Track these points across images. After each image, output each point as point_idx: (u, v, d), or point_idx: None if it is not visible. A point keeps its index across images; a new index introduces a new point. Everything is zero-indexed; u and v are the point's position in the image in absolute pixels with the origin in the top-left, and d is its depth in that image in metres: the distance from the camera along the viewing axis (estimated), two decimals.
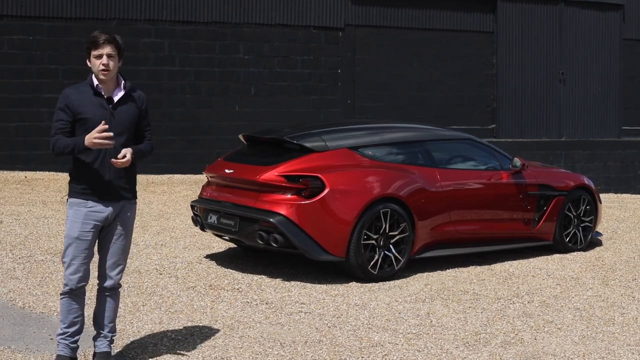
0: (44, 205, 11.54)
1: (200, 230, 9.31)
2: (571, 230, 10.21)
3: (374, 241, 8.36)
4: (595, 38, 18.65)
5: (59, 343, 5.51)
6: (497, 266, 9.32)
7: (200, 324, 6.77)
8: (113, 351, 5.84)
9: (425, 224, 8.77)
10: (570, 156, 17.97)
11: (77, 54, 13.91)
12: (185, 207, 11.81)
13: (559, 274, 9.02)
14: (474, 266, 9.24)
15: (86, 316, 6.03)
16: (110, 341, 5.66)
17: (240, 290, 7.88)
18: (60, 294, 5.49)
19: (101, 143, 5.22)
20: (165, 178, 14.73)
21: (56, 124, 5.35)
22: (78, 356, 5.74)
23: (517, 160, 9.78)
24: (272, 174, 8.27)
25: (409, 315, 7.27)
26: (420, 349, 6.38)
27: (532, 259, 9.74)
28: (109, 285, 5.57)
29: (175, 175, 15.04)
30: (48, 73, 14.33)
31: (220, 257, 9.17)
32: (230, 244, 9.65)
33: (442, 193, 8.97)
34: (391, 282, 8.39)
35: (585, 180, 10.56)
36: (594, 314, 7.53)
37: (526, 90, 17.98)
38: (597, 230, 10.98)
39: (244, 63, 15.66)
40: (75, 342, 5.54)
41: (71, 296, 5.43)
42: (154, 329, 6.60)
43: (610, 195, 17.12)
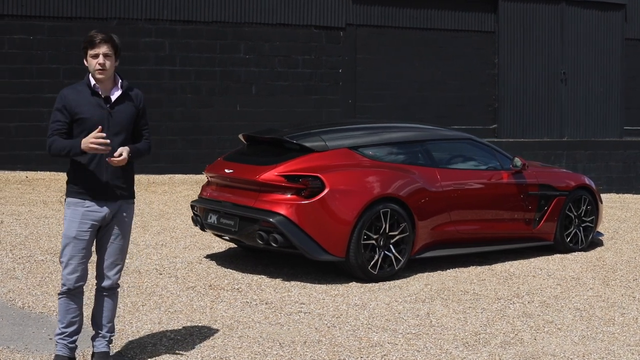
0: (45, 205, 11.54)
1: (200, 230, 9.31)
2: (572, 231, 10.19)
3: (374, 241, 8.34)
4: (597, 38, 18.63)
5: (57, 343, 5.50)
6: (498, 266, 9.30)
7: (199, 324, 6.76)
8: (112, 351, 5.83)
9: (426, 224, 8.76)
10: (572, 156, 17.95)
11: (78, 53, 13.81)
12: (186, 207, 11.80)
13: (560, 274, 9.00)
14: (475, 266, 9.22)
15: (85, 316, 6.04)
16: (109, 341, 5.65)
17: (240, 290, 7.87)
18: (58, 294, 5.48)
19: (97, 148, 5.22)
20: (167, 178, 14.73)
21: (53, 125, 5.34)
22: (77, 356, 5.73)
23: (518, 160, 9.77)
24: (272, 174, 8.25)
25: (408, 315, 7.26)
26: (419, 349, 6.37)
27: (533, 259, 9.72)
28: (107, 285, 5.56)
29: (176, 175, 15.03)
30: (49, 73, 14.33)
31: (221, 257, 9.17)
32: (231, 244, 9.64)
33: (443, 193, 8.96)
34: (391, 282, 8.38)
35: (586, 180, 10.54)
36: (594, 314, 7.52)
37: (528, 90, 17.96)
38: (598, 230, 10.96)
39: (245, 63, 15.65)
40: (74, 342, 5.53)
41: (69, 296, 5.42)
42: (153, 329, 6.59)
43: (611, 196, 17.10)
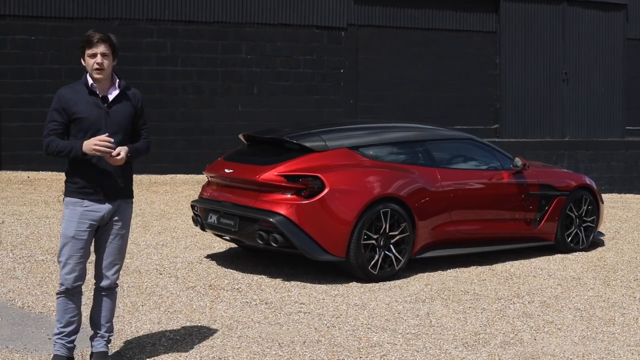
0: (46, 205, 11.55)
1: (200, 230, 9.31)
2: (573, 231, 10.18)
3: (374, 241, 8.34)
4: (599, 38, 18.62)
5: (56, 343, 5.50)
6: (498, 266, 9.30)
7: (199, 324, 6.76)
8: (110, 351, 5.82)
9: (426, 223, 8.75)
10: (573, 156, 17.94)
11: (80, 53, 13.92)
12: (187, 207, 11.80)
13: (560, 274, 8.99)
14: (475, 266, 9.22)
15: (84, 316, 6.04)
16: (107, 341, 5.65)
17: (240, 290, 7.86)
18: (57, 294, 5.47)
19: (100, 150, 5.23)
20: (168, 178, 14.74)
21: (50, 125, 5.35)
22: (75, 356, 5.73)
23: (518, 160, 9.76)
24: (272, 174, 8.25)
25: (408, 315, 7.25)
26: (419, 349, 6.36)
27: (534, 259, 9.71)
28: (106, 285, 5.56)
29: (178, 175, 15.04)
30: (50, 73, 14.35)
31: (221, 257, 9.17)
32: (231, 244, 9.64)
33: (443, 193, 8.95)
34: (391, 282, 8.37)
35: (587, 180, 10.53)
36: (594, 314, 7.51)
37: (529, 90, 17.95)
38: (599, 230, 10.95)
39: (247, 63, 15.65)
40: (72, 342, 5.53)
41: (67, 296, 5.42)
42: (153, 328, 6.59)
43: (613, 196, 17.09)
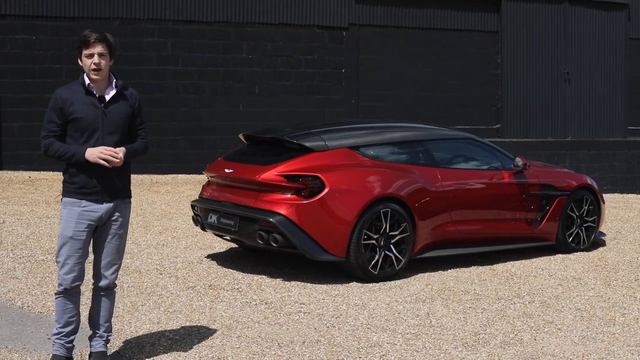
0: (47, 205, 11.55)
1: (201, 230, 9.30)
2: (574, 231, 10.16)
3: (374, 241, 8.32)
4: (601, 37, 18.60)
5: (55, 343, 5.50)
6: (499, 266, 9.28)
7: (198, 324, 6.75)
8: (109, 351, 5.82)
9: (426, 223, 8.74)
10: (575, 156, 17.92)
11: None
12: (188, 207, 11.79)
13: (561, 274, 8.98)
14: (476, 266, 9.20)
15: (83, 316, 6.04)
16: (106, 341, 5.64)
17: (240, 290, 7.86)
18: (55, 294, 5.47)
19: (107, 159, 5.24)
20: (170, 178, 14.74)
21: (48, 126, 5.34)
22: (75, 356, 5.73)
23: (519, 160, 9.74)
24: (272, 174, 8.24)
25: (408, 315, 7.24)
26: (418, 349, 6.35)
27: (535, 259, 9.70)
28: (104, 285, 5.55)
29: (179, 175, 15.04)
30: (51, 73, 14.35)
31: (221, 257, 9.16)
32: (232, 244, 9.63)
33: (443, 193, 8.94)
34: (392, 282, 8.36)
35: (588, 180, 10.51)
36: (594, 314, 7.49)
37: (531, 90, 17.94)
38: (601, 230, 10.94)
39: (248, 62, 15.65)
40: (71, 342, 5.53)
41: (66, 296, 5.42)
42: (152, 328, 6.58)
43: (615, 196, 17.06)
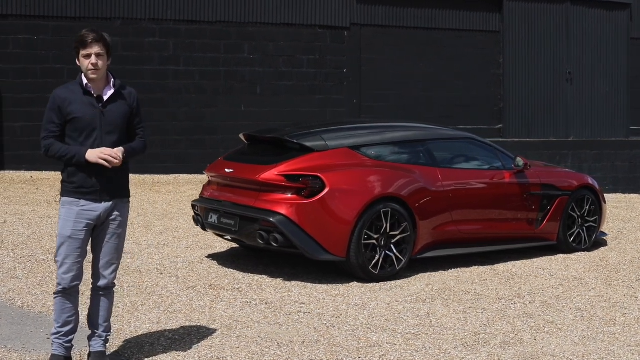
0: (48, 205, 11.55)
1: (201, 229, 9.30)
2: (575, 231, 10.15)
3: (374, 241, 8.32)
4: (603, 37, 18.58)
5: (53, 342, 5.50)
6: (500, 266, 9.27)
7: (198, 324, 6.75)
8: (109, 350, 5.82)
9: (427, 223, 8.73)
10: (577, 156, 17.90)
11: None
12: (190, 207, 11.79)
13: (562, 274, 8.96)
14: (477, 266, 9.19)
15: (83, 315, 6.03)
16: (105, 340, 5.64)
17: (240, 290, 7.85)
18: (54, 293, 5.47)
19: (108, 160, 5.25)
20: (171, 178, 14.74)
21: (48, 126, 5.34)
22: (74, 355, 5.73)
23: (520, 160, 9.73)
24: (272, 174, 8.24)
25: (408, 315, 7.23)
26: (418, 349, 6.34)
27: (536, 259, 9.69)
28: (103, 284, 5.55)
29: (181, 175, 15.04)
30: (53, 73, 14.36)
31: (222, 257, 9.16)
32: (233, 244, 9.63)
33: (444, 192, 8.93)
34: (392, 282, 8.36)
35: (589, 180, 10.50)
36: (595, 314, 7.48)
37: (533, 90, 17.92)
38: (602, 230, 10.92)
39: (249, 62, 15.65)
40: (70, 342, 5.52)
41: (64, 295, 5.41)
42: (152, 328, 6.58)
43: (617, 196, 17.05)
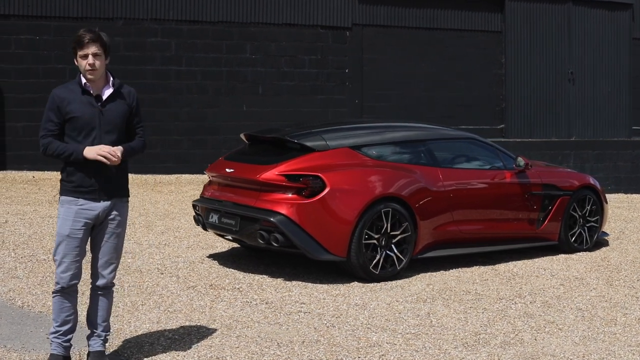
0: (50, 205, 11.56)
1: (202, 229, 9.30)
2: (576, 230, 10.14)
3: (375, 241, 8.31)
4: (604, 37, 18.56)
5: (52, 342, 5.49)
6: (501, 266, 9.26)
7: (198, 324, 6.74)
8: (108, 350, 5.82)
9: (428, 223, 8.72)
10: (579, 156, 17.88)
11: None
12: (191, 207, 11.78)
13: (563, 274, 8.95)
14: (478, 266, 9.18)
15: (83, 315, 6.03)
16: (104, 340, 5.64)
17: (240, 289, 7.85)
18: (52, 293, 5.47)
19: (106, 156, 5.25)
20: (173, 178, 14.75)
21: (46, 125, 5.35)
22: (73, 355, 5.73)
23: (521, 160, 9.72)
24: (273, 173, 8.23)
25: (409, 315, 7.23)
26: (418, 349, 6.33)
27: (537, 259, 9.68)
28: (102, 284, 5.55)
29: (183, 175, 15.05)
30: (55, 73, 14.37)
31: (223, 257, 9.16)
32: (234, 244, 9.63)
33: (445, 192, 8.92)
34: (393, 282, 8.35)
35: (591, 180, 10.49)
36: (596, 314, 7.47)
37: (535, 90, 17.90)
38: (604, 230, 10.91)
39: (251, 63, 15.65)
40: (68, 341, 5.52)
41: (63, 294, 5.41)
42: (152, 328, 6.58)
43: (619, 196, 17.03)
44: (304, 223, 8.04)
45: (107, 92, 5.41)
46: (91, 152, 5.28)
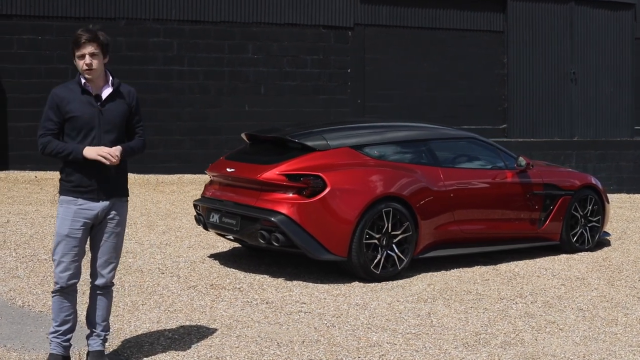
0: (52, 205, 11.56)
1: (203, 229, 9.30)
2: (578, 230, 10.12)
3: (376, 241, 8.30)
4: (607, 37, 18.53)
5: (52, 341, 5.49)
6: (503, 266, 9.25)
7: (198, 323, 6.74)
8: (108, 350, 5.82)
9: (429, 223, 8.71)
10: (582, 156, 17.87)
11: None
12: (193, 207, 11.79)
13: (564, 274, 8.94)
14: (479, 266, 9.17)
15: (82, 315, 6.03)
16: (104, 340, 5.63)
17: (241, 289, 7.85)
18: (52, 292, 5.47)
19: (105, 156, 5.25)
20: (175, 178, 14.75)
21: (46, 124, 5.35)
22: (72, 355, 5.73)
23: (522, 160, 9.71)
24: (273, 173, 8.23)
25: (409, 315, 7.22)
26: (418, 349, 6.33)
27: (538, 259, 9.66)
28: (101, 283, 5.55)
29: (185, 175, 15.05)
30: (57, 73, 14.38)
31: (224, 257, 9.16)
32: (235, 244, 9.63)
33: (446, 192, 8.91)
34: (394, 282, 8.34)
35: (592, 180, 10.47)
36: (597, 314, 7.46)
37: (537, 90, 17.89)
38: (606, 230, 10.89)
39: (253, 63, 15.65)
40: (68, 341, 5.52)
41: (62, 294, 5.41)
42: (152, 328, 6.58)
43: (622, 196, 17.00)
44: (304, 223, 8.03)
45: (107, 92, 5.40)
46: (91, 152, 5.29)
